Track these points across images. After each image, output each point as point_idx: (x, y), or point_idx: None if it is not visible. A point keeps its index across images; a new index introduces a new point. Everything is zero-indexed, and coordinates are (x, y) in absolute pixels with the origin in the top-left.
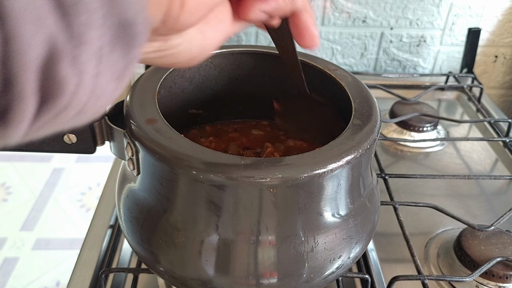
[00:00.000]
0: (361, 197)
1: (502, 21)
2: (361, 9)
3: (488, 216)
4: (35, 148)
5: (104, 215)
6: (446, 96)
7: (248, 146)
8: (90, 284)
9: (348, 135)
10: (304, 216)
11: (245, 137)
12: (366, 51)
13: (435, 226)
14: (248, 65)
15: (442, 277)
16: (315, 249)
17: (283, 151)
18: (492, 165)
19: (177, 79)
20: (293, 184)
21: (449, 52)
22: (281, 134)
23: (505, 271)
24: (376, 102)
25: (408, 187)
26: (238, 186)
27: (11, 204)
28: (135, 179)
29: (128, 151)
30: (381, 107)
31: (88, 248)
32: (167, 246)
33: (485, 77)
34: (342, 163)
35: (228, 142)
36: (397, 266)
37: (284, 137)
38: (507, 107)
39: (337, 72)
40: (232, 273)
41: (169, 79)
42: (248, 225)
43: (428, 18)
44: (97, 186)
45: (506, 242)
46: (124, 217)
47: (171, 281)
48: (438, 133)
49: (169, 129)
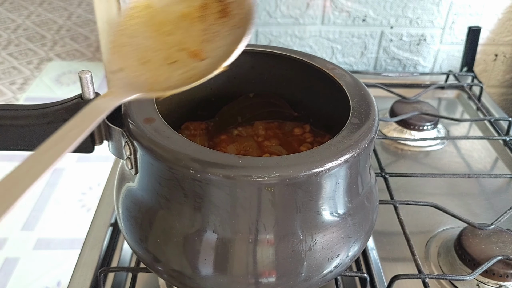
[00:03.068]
0: (359, 196)
1: (502, 19)
2: (361, 8)
3: (488, 214)
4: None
5: (104, 214)
6: (446, 95)
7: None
8: (91, 284)
9: (346, 134)
10: (302, 215)
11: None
12: (366, 50)
13: (435, 225)
14: (247, 64)
15: (442, 276)
16: (313, 248)
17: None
18: (493, 163)
19: None
20: (291, 183)
21: (449, 50)
22: (281, 133)
23: (505, 270)
24: (374, 101)
25: (408, 186)
26: (236, 185)
27: None
28: (133, 179)
29: (126, 150)
30: (381, 106)
31: (89, 247)
32: (166, 245)
33: (485, 75)
34: (340, 162)
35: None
36: (398, 265)
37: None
38: (507, 106)
39: (335, 71)
40: (230, 272)
41: None
42: (246, 224)
43: (428, 16)
44: (98, 186)
45: (506, 240)
46: (122, 217)
47: (169, 280)
48: (438, 132)
49: (167, 128)
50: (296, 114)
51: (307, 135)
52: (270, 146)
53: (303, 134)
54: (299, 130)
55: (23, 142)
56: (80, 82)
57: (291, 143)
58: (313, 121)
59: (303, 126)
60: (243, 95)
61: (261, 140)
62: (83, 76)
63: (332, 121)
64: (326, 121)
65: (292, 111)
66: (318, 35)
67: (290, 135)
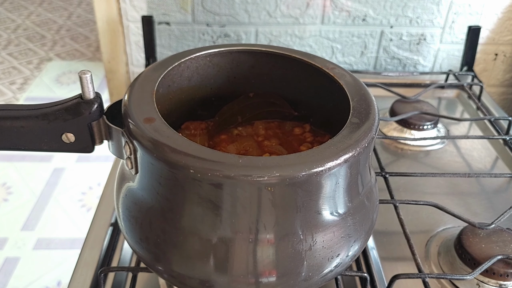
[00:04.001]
0: (359, 196)
1: (502, 19)
2: (361, 7)
3: (488, 214)
4: (33, 148)
5: (105, 214)
6: (446, 94)
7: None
8: (91, 284)
9: (346, 134)
10: (302, 214)
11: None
12: (366, 49)
13: (435, 224)
14: (247, 64)
15: (443, 275)
16: (314, 248)
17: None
18: (493, 163)
19: (175, 78)
20: (291, 182)
21: (449, 50)
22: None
23: (505, 269)
24: (374, 101)
25: (408, 185)
26: (236, 184)
27: (11, 204)
28: (133, 178)
29: (126, 150)
30: (381, 105)
31: (89, 247)
32: (166, 245)
33: (485, 75)
34: (340, 161)
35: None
36: (398, 264)
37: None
38: (507, 105)
39: (335, 71)
40: (230, 272)
41: (168, 78)
42: (246, 224)
43: (428, 16)
44: (98, 186)
45: (506, 240)
46: (122, 216)
47: (169, 280)
48: (438, 131)
49: (167, 128)
50: (296, 113)
51: (307, 135)
52: (270, 145)
53: (303, 134)
54: (299, 130)
55: (23, 142)
56: (80, 82)
57: (291, 142)
58: (313, 121)
59: (303, 125)
60: (243, 94)
61: (261, 139)
62: (83, 76)
63: (332, 120)
64: (326, 120)
65: (292, 111)
66: (318, 34)
67: (290, 135)
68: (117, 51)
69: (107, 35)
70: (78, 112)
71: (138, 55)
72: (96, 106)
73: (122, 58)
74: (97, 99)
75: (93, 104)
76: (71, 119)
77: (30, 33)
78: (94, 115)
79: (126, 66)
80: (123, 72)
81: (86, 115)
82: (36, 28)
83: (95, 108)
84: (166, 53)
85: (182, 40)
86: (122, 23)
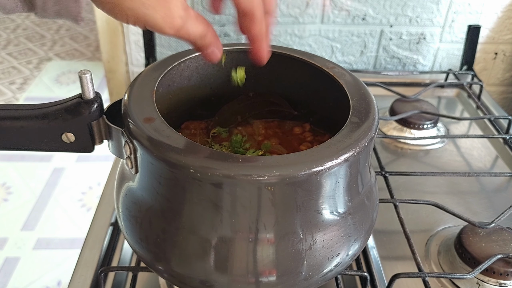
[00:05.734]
0: (359, 195)
1: (501, 18)
2: (360, 6)
3: (488, 213)
4: (33, 147)
5: (104, 214)
6: (446, 93)
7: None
8: (92, 283)
9: (346, 133)
10: (302, 214)
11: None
12: (366, 48)
13: (435, 223)
14: (247, 63)
15: (443, 274)
16: (314, 247)
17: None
18: (492, 162)
19: (175, 77)
20: (291, 182)
21: (449, 49)
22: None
23: (505, 268)
24: (374, 100)
25: (408, 184)
26: (236, 184)
27: (11, 204)
28: (133, 178)
29: (126, 150)
30: (381, 104)
31: (89, 247)
32: (166, 245)
33: (485, 74)
34: (340, 160)
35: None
36: (398, 263)
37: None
38: (507, 104)
39: (335, 70)
40: (230, 271)
41: (167, 78)
42: (246, 223)
43: (428, 15)
44: (98, 186)
45: (506, 239)
46: (122, 216)
47: (169, 279)
48: (438, 131)
49: (167, 128)
50: (296, 113)
51: (307, 134)
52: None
53: (303, 133)
54: (299, 129)
55: (23, 142)
56: (80, 82)
57: (291, 142)
58: (313, 120)
59: (303, 125)
60: (242, 94)
61: (261, 139)
62: (82, 76)
63: (332, 120)
64: (326, 120)
65: (292, 110)
66: (318, 34)
67: (290, 134)
68: (116, 51)
69: (107, 35)
70: (78, 112)
71: (138, 54)
72: (96, 106)
73: (122, 58)
74: (97, 99)
75: (93, 104)
76: (71, 119)
77: (30, 33)
78: (94, 114)
79: (126, 66)
80: (123, 71)
81: (86, 114)
82: (35, 27)
83: (95, 108)
84: (165, 52)
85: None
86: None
